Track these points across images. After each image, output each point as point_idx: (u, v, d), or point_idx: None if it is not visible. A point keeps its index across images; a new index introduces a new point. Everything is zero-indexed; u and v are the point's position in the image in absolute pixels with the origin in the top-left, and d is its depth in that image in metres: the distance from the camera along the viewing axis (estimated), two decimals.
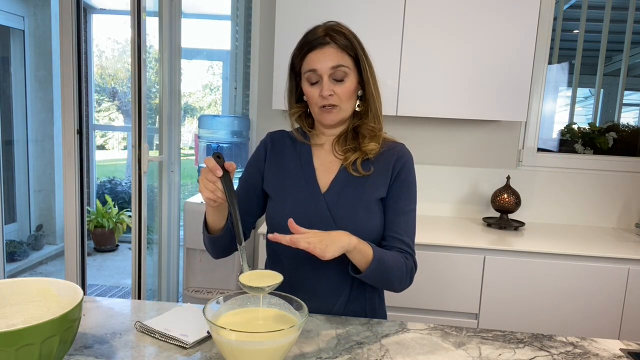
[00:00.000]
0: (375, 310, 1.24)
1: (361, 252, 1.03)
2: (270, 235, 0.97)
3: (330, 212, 1.14)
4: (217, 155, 1.01)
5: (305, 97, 1.18)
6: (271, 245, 1.23)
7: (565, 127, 2.61)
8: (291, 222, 0.98)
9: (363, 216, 1.14)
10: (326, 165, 1.20)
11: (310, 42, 1.11)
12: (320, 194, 1.15)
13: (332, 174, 1.18)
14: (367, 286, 1.20)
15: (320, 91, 1.11)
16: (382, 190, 1.17)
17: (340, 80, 1.11)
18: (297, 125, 1.25)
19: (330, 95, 1.11)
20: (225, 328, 0.81)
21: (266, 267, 1.28)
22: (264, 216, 1.26)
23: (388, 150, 1.20)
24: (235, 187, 1.21)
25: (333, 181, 1.17)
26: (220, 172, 0.98)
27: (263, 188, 1.22)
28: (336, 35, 1.10)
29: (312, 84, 1.12)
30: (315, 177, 1.18)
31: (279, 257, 1.21)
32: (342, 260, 1.08)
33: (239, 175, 1.29)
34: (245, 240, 1.15)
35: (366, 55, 1.15)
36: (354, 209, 1.14)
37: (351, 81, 1.13)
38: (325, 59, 1.09)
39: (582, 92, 2.70)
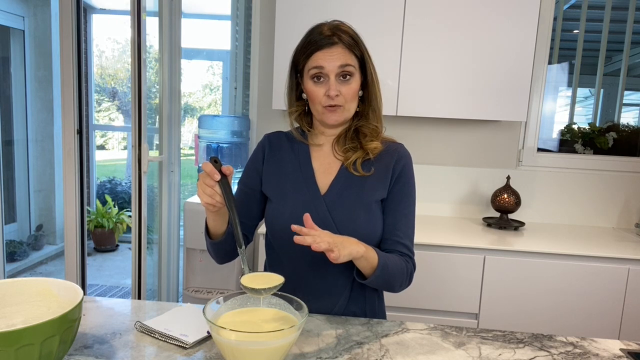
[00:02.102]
0: (374, 310, 1.24)
1: (367, 259, 1.04)
2: (294, 227, 0.96)
3: (331, 213, 1.13)
4: (214, 159, 1.00)
5: (304, 96, 1.17)
6: (271, 246, 1.23)
7: (565, 127, 2.61)
8: (307, 217, 0.98)
9: (363, 218, 1.14)
10: (325, 167, 1.19)
11: (317, 41, 1.09)
12: (320, 196, 1.15)
13: (332, 175, 1.18)
14: (367, 287, 1.20)
15: (327, 90, 1.10)
16: (382, 191, 1.17)
17: (347, 81, 1.11)
18: (296, 125, 1.24)
19: (336, 95, 1.10)
20: (225, 328, 0.81)
21: (266, 268, 1.27)
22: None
23: (387, 151, 1.19)
24: (235, 190, 1.21)
25: (333, 183, 1.16)
26: (217, 176, 0.97)
27: (262, 190, 1.21)
28: (343, 35, 1.10)
29: (317, 82, 1.11)
30: (314, 179, 1.17)
31: (278, 257, 1.21)
32: (343, 263, 1.09)
33: (238, 177, 1.29)
34: (247, 244, 1.16)
35: (370, 55, 1.15)
36: (354, 211, 1.14)
37: (356, 81, 1.13)
38: (333, 58, 1.09)
39: (582, 92, 2.71)
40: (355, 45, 1.11)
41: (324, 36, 1.09)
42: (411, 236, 1.19)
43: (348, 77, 1.11)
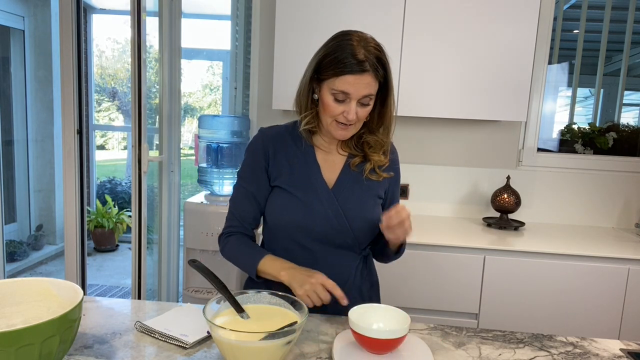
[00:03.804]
0: (377, 293, 1.33)
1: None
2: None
3: (341, 206, 1.18)
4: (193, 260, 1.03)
5: (320, 105, 1.15)
6: (275, 236, 1.24)
7: (565, 127, 2.61)
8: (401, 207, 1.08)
9: (371, 210, 1.21)
10: (330, 163, 1.22)
11: (349, 64, 1.07)
12: (328, 190, 1.19)
13: (337, 171, 1.21)
14: (371, 274, 1.29)
15: (345, 112, 1.10)
16: (381, 189, 1.24)
17: (365, 105, 1.12)
18: (308, 126, 1.20)
19: (353, 118, 1.12)
20: (225, 328, 0.81)
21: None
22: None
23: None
24: (238, 191, 1.25)
25: (339, 178, 1.21)
26: (345, 302, 1.06)
27: (272, 184, 1.21)
28: (373, 60, 1.08)
29: (337, 101, 1.11)
30: (321, 174, 1.20)
31: (284, 246, 1.22)
32: (347, 250, 1.19)
33: (235, 178, 1.29)
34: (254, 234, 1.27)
35: (392, 77, 1.16)
36: (362, 203, 1.20)
37: (372, 103, 1.14)
38: (360, 87, 1.08)
39: (582, 92, 2.70)
40: (383, 71, 1.11)
41: (357, 61, 1.06)
42: None
43: (367, 102, 1.12)
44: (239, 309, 0.95)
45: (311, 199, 1.17)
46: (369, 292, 1.29)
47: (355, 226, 1.18)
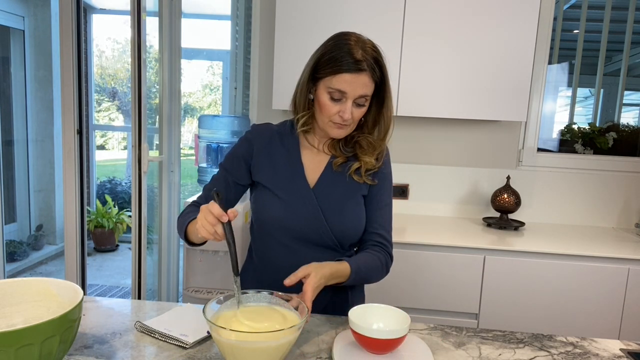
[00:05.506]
0: (361, 294, 1.33)
1: (336, 278, 1.10)
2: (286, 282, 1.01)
3: (320, 206, 1.18)
4: (217, 193, 0.96)
5: (315, 105, 1.16)
6: (259, 234, 1.25)
7: (565, 127, 2.61)
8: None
9: (352, 210, 1.20)
10: (315, 163, 1.23)
11: (345, 63, 1.07)
12: (309, 189, 1.19)
13: (320, 170, 1.22)
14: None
15: (341, 111, 1.11)
16: (364, 189, 1.23)
17: (360, 105, 1.13)
18: (305, 127, 1.21)
19: (348, 117, 1.12)
20: (225, 328, 0.81)
21: (250, 252, 1.29)
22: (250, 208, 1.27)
23: None
24: (217, 174, 1.26)
25: (321, 177, 1.21)
26: (226, 218, 0.94)
27: (253, 179, 1.23)
28: (371, 60, 1.09)
29: (333, 100, 1.11)
30: (303, 173, 1.20)
31: (267, 244, 1.23)
32: (321, 257, 1.16)
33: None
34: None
35: (389, 79, 1.16)
36: (342, 204, 1.19)
37: (368, 104, 1.15)
38: (356, 86, 1.09)
39: (582, 92, 2.70)
40: (380, 73, 1.12)
41: (354, 60, 1.07)
42: (388, 227, 1.25)
43: (363, 103, 1.13)
44: (236, 272, 0.95)
45: (292, 198, 1.18)
46: (352, 294, 1.28)
47: (333, 226, 1.17)
